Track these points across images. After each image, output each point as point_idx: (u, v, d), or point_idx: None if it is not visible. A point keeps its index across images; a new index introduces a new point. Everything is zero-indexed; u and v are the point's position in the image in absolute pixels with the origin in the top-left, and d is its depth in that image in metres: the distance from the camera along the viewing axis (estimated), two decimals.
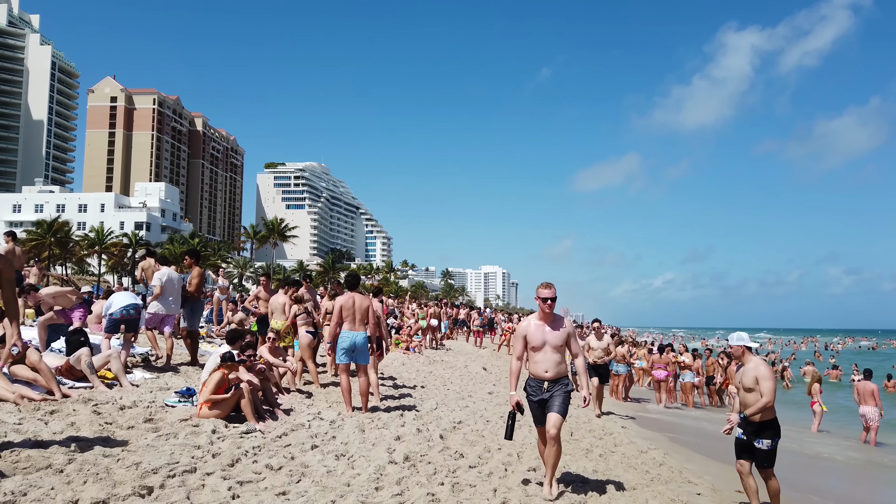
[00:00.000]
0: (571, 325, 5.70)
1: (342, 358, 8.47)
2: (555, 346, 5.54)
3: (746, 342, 6.14)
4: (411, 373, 14.38)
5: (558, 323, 5.60)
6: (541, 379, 5.56)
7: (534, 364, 5.59)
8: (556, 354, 5.55)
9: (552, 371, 5.54)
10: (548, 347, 5.52)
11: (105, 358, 8.03)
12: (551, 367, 5.54)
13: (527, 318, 5.80)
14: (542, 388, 5.55)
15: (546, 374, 5.54)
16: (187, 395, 7.42)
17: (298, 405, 8.57)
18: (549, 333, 5.53)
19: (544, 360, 5.53)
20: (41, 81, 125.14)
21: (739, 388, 6.15)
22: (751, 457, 6.06)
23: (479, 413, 9.81)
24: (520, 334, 5.63)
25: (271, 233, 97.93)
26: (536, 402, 5.63)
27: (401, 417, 8.44)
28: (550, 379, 5.54)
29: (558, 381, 5.56)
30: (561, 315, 5.67)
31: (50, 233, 60.72)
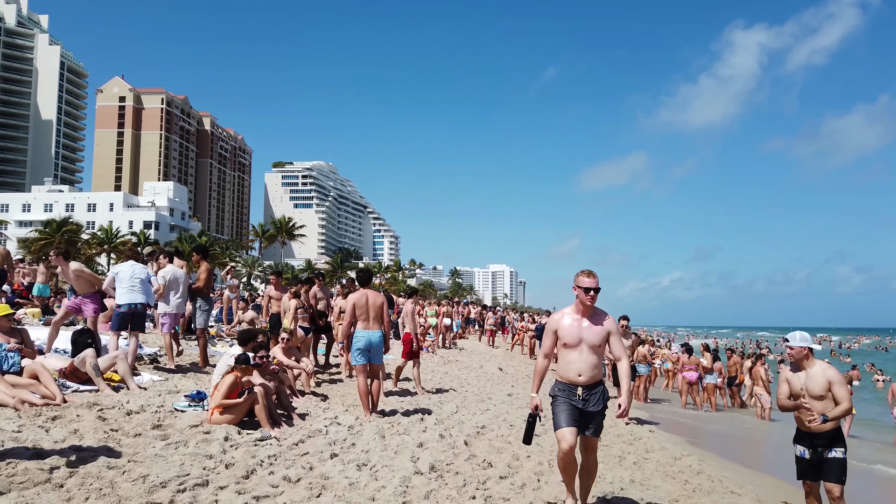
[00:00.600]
0: (615, 323, 4.88)
1: (358, 358, 8.06)
2: (593, 345, 4.71)
3: (810, 343, 5.44)
4: (426, 373, 13.95)
5: (599, 318, 4.78)
6: (573, 383, 4.73)
7: (565, 364, 4.76)
8: (592, 355, 4.72)
9: (587, 375, 4.71)
10: (584, 346, 4.70)
11: (111, 359, 7.64)
12: (586, 369, 4.71)
13: (560, 310, 4.98)
14: (574, 394, 4.72)
15: (580, 379, 4.71)
16: (197, 399, 7.02)
17: (314, 409, 8.16)
18: (586, 330, 4.72)
19: (579, 360, 4.70)
20: (50, 81, 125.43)
21: (802, 395, 5.36)
22: (816, 476, 5.35)
23: (501, 417, 9.37)
24: (551, 328, 4.84)
25: (279, 232, 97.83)
26: (566, 405, 4.77)
27: (421, 422, 8.01)
28: (585, 384, 4.72)
29: (594, 387, 4.76)
30: (603, 310, 4.86)
31: (59, 232, 60.64)
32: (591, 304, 4.72)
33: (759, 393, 14.95)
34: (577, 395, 4.71)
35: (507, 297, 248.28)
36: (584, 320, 4.76)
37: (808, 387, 5.34)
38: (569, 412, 4.69)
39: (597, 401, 4.74)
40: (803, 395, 5.37)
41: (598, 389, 4.78)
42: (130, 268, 8.77)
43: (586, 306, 4.74)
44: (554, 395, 4.86)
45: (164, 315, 9.58)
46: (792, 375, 5.49)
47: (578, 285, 4.75)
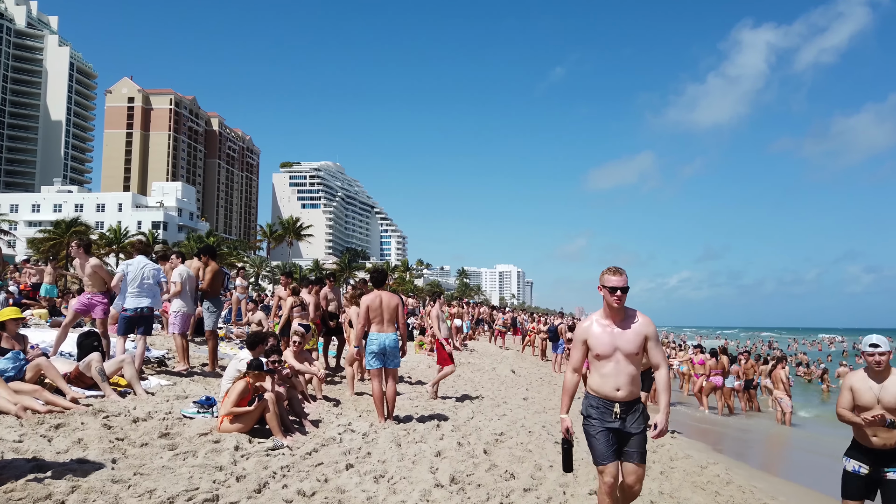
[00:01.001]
0: (652, 325, 4.23)
1: (373, 362, 7.77)
2: (629, 353, 4.10)
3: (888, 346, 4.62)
4: None
5: (632, 321, 4.16)
6: (609, 399, 4.12)
7: (600, 378, 4.15)
8: (630, 365, 4.11)
9: (626, 389, 4.10)
10: (619, 356, 4.10)
11: (117, 363, 7.38)
12: (625, 383, 4.10)
13: (588, 316, 4.38)
14: (611, 412, 4.10)
15: (618, 394, 4.09)
16: (207, 406, 6.76)
17: (326, 415, 7.89)
18: (619, 336, 4.12)
19: (615, 373, 4.09)
20: (59, 82, 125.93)
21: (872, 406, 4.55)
22: (867, 496, 4.66)
23: (518, 422, 9.07)
24: (579, 338, 4.22)
25: (287, 232, 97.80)
26: (602, 430, 4.12)
27: (437, 429, 7.72)
28: (623, 400, 4.10)
29: (634, 404, 4.15)
30: (634, 310, 4.25)
31: (68, 232, 60.69)
32: (619, 305, 4.13)
33: (780, 397, 14.58)
34: (613, 412, 4.10)
35: (514, 298, 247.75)
36: (615, 325, 4.16)
37: (883, 398, 4.53)
38: (607, 440, 4.10)
39: (637, 419, 4.14)
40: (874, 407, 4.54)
41: (639, 406, 4.19)
42: (140, 267, 8.50)
43: (613, 309, 4.15)
44: (587, 415, 4.24)
45: (176, 314, 9.33)
46: (860, 383, 4.67)
47: (604, 284, 4.17)
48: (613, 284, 4.14)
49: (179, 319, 9.36)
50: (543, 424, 9.15)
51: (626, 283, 4.15)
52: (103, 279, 8.67)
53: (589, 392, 4.26)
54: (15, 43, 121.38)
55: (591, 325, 4.23)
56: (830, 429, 14.89)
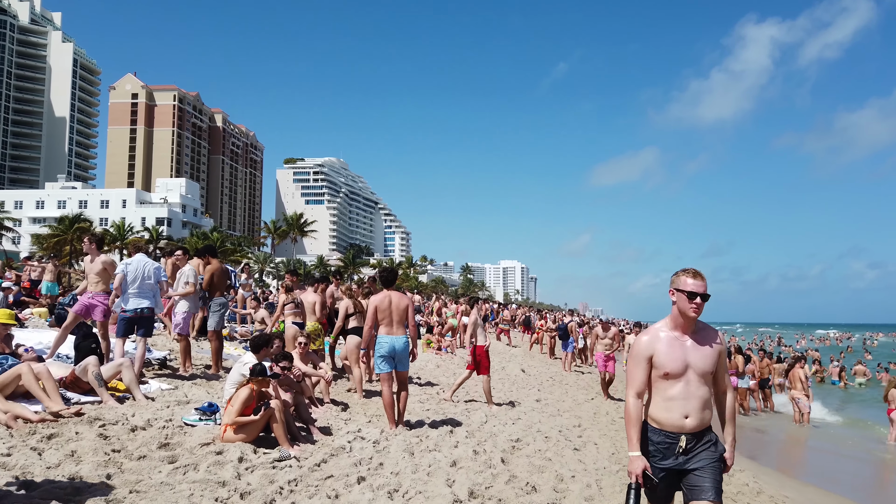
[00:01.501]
0: (723, 338, 3.62)
1: (383, 366, 7.41)
2: (703, 372, 3.39)
3: None
4: (448, 376, 13.32)
5: (706, 334, 3.47)
6: (675, 430, 3.37)
7: (665, 403, 3.39)
8: (703, 386, 3.39)
9: (696, 416, 3.36)
10: (691, 375, 3.38)
11: (116, 367, 7.04)
12: (696, 409, 3.36)
13: (650, 327, 3.61)
14: (674, 446, 3.37)
15: (687, 423, 3.35)
16: (209, 413, 6.41)
17: (334, 420, 7.53)
18: (693, 352, 3.40)
19: (685, 396, 3.36)
20: (63, 79, 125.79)
21: None
22: None
23: (533, 427, 8.69)
24: (642, 353, 3.45)
25: (291, 228, 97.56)
26: (664, 470, 3.39)
27: (451, 435, 7.36)
28: (693, 430, 3.37)
29: (704, 434, 3.41)
30: (702, 321, 3.54)
31: (71, 229, 60.54)
32: (696, 315, 3.41)
33: (798, 397, 14.19)
34: (678, 447, 3.36)
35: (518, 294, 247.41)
36: (687, 338, 3.44)
37: None
38: (667, 484, 3.43)
39: (706, 452, 3.38)
40: None
41: (711, 437, 3.44)
42: (141, 267, 8.15)
43: (689, 319, 3.42)
44: (648, 451, 3.46)
45: (183, 314, 9.02)
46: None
47: (679, 288, 3.44)
48: (693, 289, 3.40)
49: (185, 320, 9.06)
50: (560, 429, 8.78)
51: (707, 290, 3.45)
52: (110, 275, 8.33)
53: (650, 424, 3.46)
54: (19, 39, 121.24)
55: (656, 337, 3.47)
56: (849, 430, 14.52)
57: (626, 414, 3.46)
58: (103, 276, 8.29)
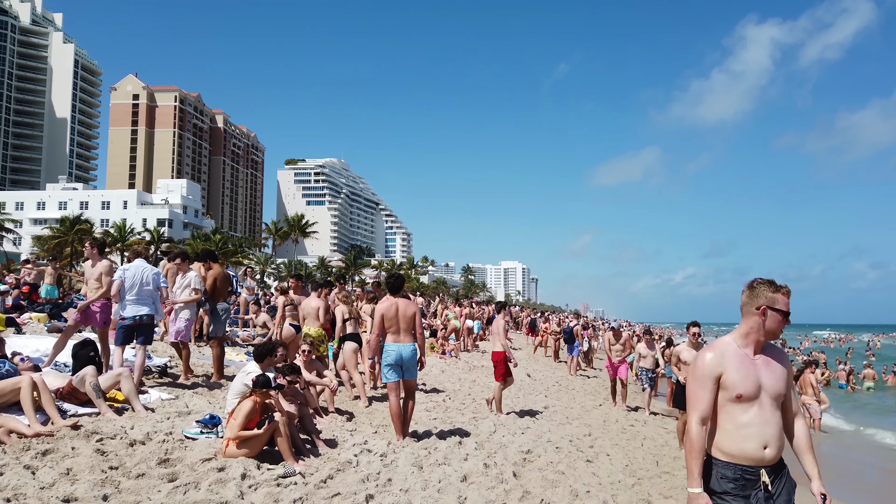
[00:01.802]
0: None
1: (390, 375, 7.18)
2: (777, 394, 2.97)
3: None
4: (454, 382, 13.11)
5: (775, 352, 3.08)
6: (754, 464, 2.90)
7: (738, 431, 2.92)
8: (776, 412, 2.97)
9: (774, 446, 2.92)
10: (765, 398, 2.94)
11: (114, 377, 6.81)
12: (773, 437, 2.92)
13: (715, 342, 3.13)
14: (755, 482, 2.91)
15: (766, 454, 2.90)
16: (211, 425, 6.18)
17: (340, 430, 7.31)
18: (765, 371, 2.99)
19: (762, 422, 2.91)
20: (64, 80, 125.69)
21: None
22: None
23: (544, 437, 8.47)
24: (708, 372, 2.97)
25: (293, 229, 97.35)
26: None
27: (460, 446, 7.13)
28: (772, 462, 2.94)
29: (781, 467, 3.01)
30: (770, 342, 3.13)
31: (72, 230, 60.35)
32: (779, 332, 3.04)
33: (808, 402, 13.92)
34: (760, 483, 2.92)
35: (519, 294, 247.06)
36: (758, 356, 3.02)
37: None
38: None
39: (784, 486, 2.99)
40: None
41: (785, 470, 3.03)
42: (139, 273, 7.92)
43: (768, 334, 3.01)
44: (720, 491, 2.93)
45: (185, 320, 8.79)
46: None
47: (772, 306, 2.98)
48: (786, 309, 3.00)
49: (187, 327, 8.83)
50: (570, 438, 8.56)
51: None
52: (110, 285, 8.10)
53: (718, 454, 2.96)
54: (20, 40, 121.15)
55: (723, 353, 2.99)
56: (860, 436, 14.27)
57: (689, 443, 2.94)
58: (103, 281, 8.07)
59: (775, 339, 3.11)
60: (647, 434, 9.92)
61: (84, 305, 7.98)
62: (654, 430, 10.61)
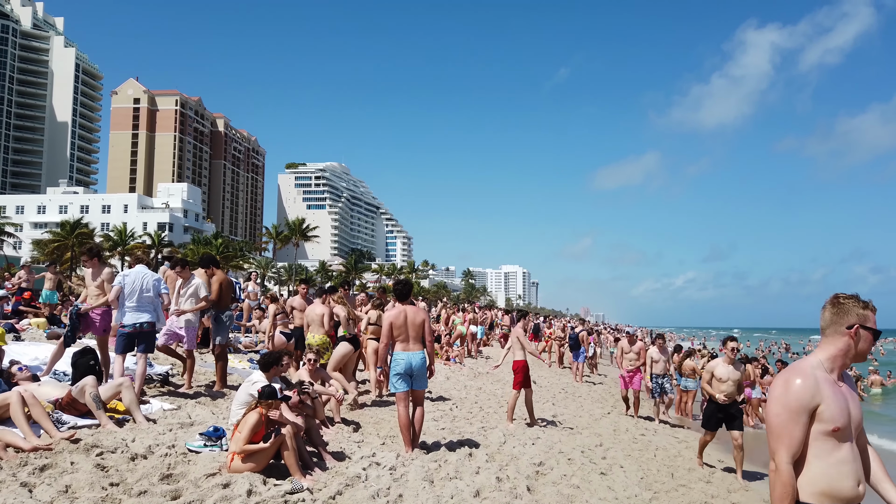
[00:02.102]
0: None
1: (399, 385, 6.97)
2: (858, 424, 2.70)
3: None
4: (459, 389, 12.90)
5: (848, 379, 2.79)
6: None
7: (832, 469, 2.56)
8: (857, 444, 2.70)
9: (863, 482, 2.69)
10: (853, 430, 2.65)
11: (115, 388, 6.61)
12: (862, 474, 2.67)
13: (799, 367, 2.68)
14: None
15: (860, 491, 2.62)
16: (215, 438, 5.98)
17: (347, 443, 7.10)
18: (851, 399, 2.67)
19: (854, 458, 2.61)
20: (65, 83, 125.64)
21: None
22: None
23: (555, 448, 8.26)
24: (804, 403, 2.57)
25: (293, 233, 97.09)
26: None
27: (470, 459, 6.92)
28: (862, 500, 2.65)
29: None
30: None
31: (72, 234, 60.12)
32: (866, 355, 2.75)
33: None
34: None
35: (520, 298, 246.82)
36: (842, 383, 2.70)
37: None
38: None
39: None
40: None
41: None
42: (139, 279, 7.73)
43: (863, 357, 2.72)
44: None
45: (189, 329, 8.58)
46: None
47: (865, 325, 2.68)
48: (875, 327, 2.69)
49: (191, 335, 8.61)
50: (582, 449, 8.35)
51: None
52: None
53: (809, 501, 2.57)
54: (21, 44, 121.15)
55: (818, 381, 2.59)
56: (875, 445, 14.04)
57: (779, 486, 2.56)
58: (105, 289, 7.89)
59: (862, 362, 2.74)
60: (659, 444, 9.71)
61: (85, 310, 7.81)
62: (665, 440, 10.40)
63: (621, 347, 13.33)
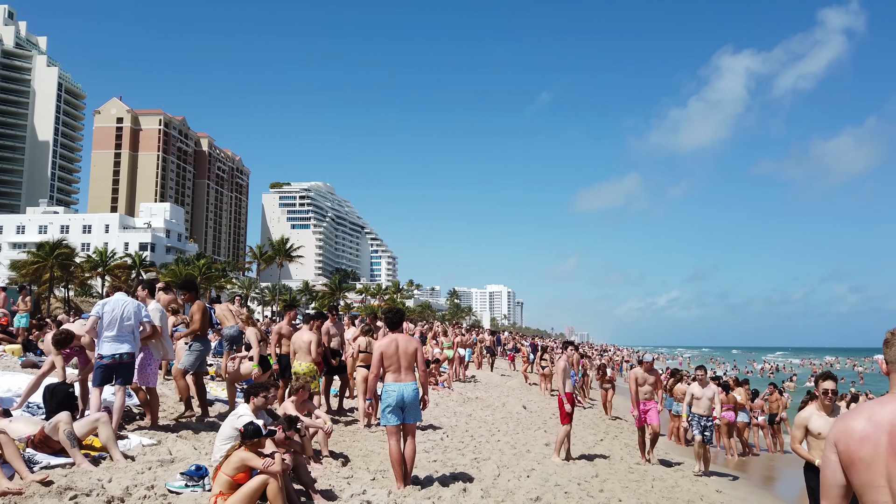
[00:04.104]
0: None
1: (390, 418, 6.69)
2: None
3: None
4: (449, 416, 12.60)
5: None
6: None
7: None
8: None
9: None
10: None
11: (91, 423, 6.27)
12: None
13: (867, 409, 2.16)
14: None
15: None
16: (197, 477, 5.66)
17: (335, 479, 6.79)
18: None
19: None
20: (48, 102, 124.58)
21: None
22: None
23: (551, 480, 8.00)
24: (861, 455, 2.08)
25: (277, 253, 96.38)
26: None
27: (465, 495, 6.65)
28: None
29: None
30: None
31: (52, 255, 59.08)
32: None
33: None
34: None
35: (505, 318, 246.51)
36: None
37: None
38: None
39: None
40: None
41: None
42: (119, 307, 7.37)
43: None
44: None
45: (150, 361, 7.99)
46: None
47: None
48: None
49: (152, 369, 8.02)
50: (578, 482, 8.09)
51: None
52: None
53: None
54: (2, 63, 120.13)
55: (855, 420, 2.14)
56: None
57: None
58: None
59: None
60: (656, 474, 9.48)
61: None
62: (661, 471, 10.16)
63: (635, 378, 10.58)
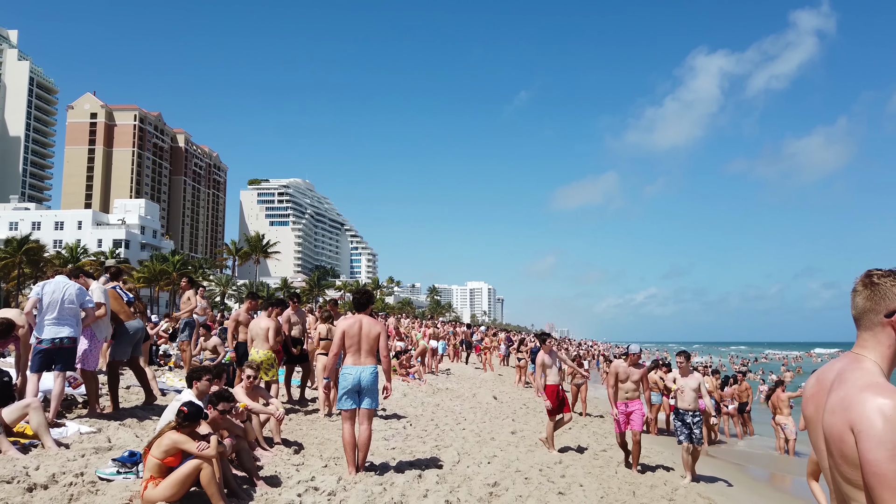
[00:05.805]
0: None
1: (345, 402, 6.46)
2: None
3: None
4: (416, 406, 12.36)
5: None
6: None
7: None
8: None
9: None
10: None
11: (21, 409, 5.93)
12: None
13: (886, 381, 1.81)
14: None
15: None
16: (129, 464, 5.37)
17: (284, 466, 6.52)
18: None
19: None
20: (19, 97, 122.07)
21: None
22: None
23: (512, 466, 7.81)
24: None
25: (254, 249, 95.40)
26: None
27: (420, 480, 6.42)
28: None
29: None
30: None
31: (20, 251, 57.75)
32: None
33: (784, 423, 13.55)
34: None
35: (486, 315, 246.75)
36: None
37: None
38: None
39: None
40: None
41: None
42: (60, 289, 7.03)
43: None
44: None
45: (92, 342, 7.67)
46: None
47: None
48: None
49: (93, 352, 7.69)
50: (540, 468, 7.90)
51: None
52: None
53: None
54: None
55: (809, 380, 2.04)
56: None
57: None
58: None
59: None
60: (621, 459, 9.32)
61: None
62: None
63: (615, 372, 8.98)
